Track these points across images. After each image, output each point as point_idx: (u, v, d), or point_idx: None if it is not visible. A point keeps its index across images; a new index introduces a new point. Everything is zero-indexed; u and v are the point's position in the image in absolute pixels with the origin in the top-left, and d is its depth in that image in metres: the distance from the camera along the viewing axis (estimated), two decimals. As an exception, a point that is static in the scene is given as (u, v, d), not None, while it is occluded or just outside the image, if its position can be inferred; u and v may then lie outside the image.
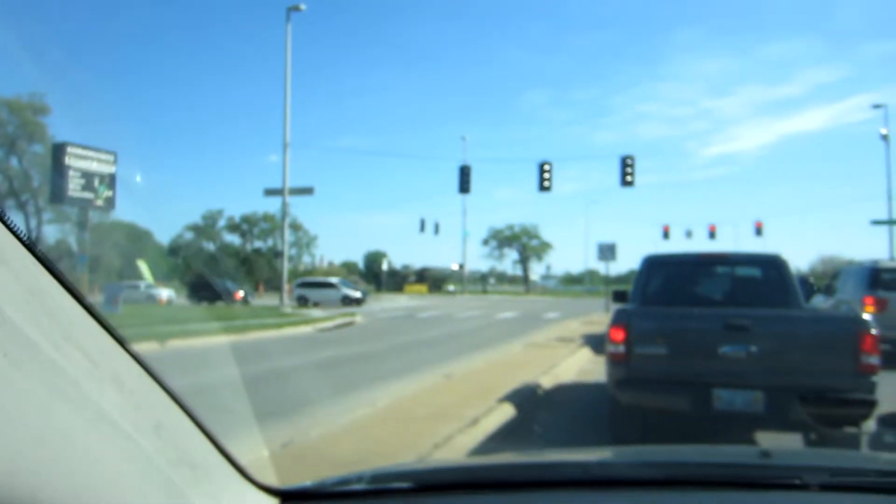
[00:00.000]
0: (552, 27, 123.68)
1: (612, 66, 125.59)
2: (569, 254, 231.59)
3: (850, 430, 5.24)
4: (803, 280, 27.78)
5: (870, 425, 5.13)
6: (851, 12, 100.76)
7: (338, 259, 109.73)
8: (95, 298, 27.43)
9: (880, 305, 12.48)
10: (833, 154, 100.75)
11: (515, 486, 1.49)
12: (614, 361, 5.47)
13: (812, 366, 5.15)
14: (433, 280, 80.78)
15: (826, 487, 1.41)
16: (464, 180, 30.87)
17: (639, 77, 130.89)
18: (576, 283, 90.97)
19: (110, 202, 22.76)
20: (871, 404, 4.91)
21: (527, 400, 7.51)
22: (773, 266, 6.73)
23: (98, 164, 21.69)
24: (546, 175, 29.72)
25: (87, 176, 21.23)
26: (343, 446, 5.04)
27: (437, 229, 54.61)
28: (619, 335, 5.38)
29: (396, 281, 79.24)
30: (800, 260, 71.51)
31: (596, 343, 15.03)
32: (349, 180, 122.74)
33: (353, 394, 8.38)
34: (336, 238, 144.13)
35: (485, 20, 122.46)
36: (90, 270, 36.78)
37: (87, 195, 21.33)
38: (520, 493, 1.46)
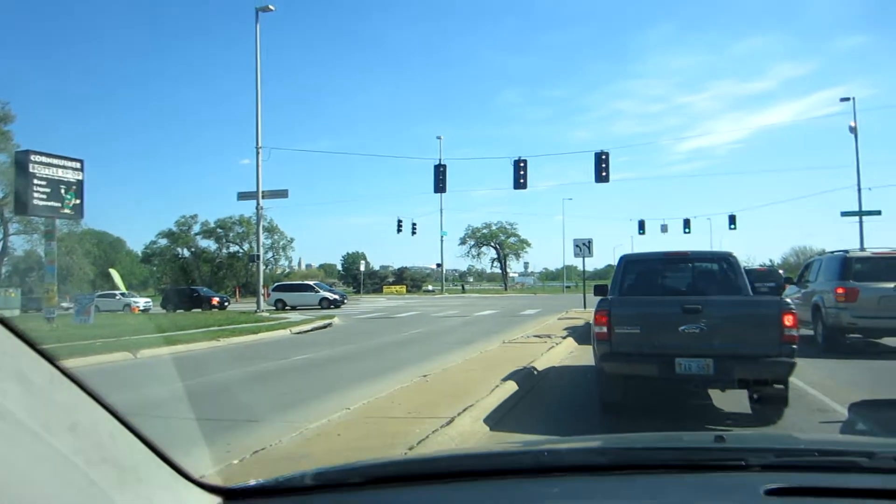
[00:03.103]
0: (525, 26, 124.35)
1: (585, 64, 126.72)
2: (547, 251, 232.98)
3: (778, 386, 6.51)
4: (774, 272, 28.27)
5: (844, 414, 5.54)
6: (820, 8, 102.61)
7: (316, 261, 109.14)
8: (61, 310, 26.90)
9: (851, 295, 12.65)
10: (803, 147, 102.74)
11: (462, 477, 1.49)
12: (599, 340, 6.81)
13: (748, 338, 6.48)
14: (412, 280, 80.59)
15: (769, 468, 1.47)
16: (439, 179, 30.80)
17: (612, 74, 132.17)
18: (554, 279, 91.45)
19: (78, 210, 22.20)
20: (792, 365, 6.32)
21: (505, 398, 7.49)
22: (724, 262, 8.23)
23: (64, 172, 21.15)
24: (521, 172, 29.77)
25: (53, 184, 20.69)
26: (314, 451, 4.95)
27: (414, 229, 54.46)
28: (603, 319, 6.75)
29: (375, 282, 78.88)
30: (772, 251, 72.78)
31: (578, 336, 15.11)
32: (326, 182, 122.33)
33: (328, 397, 8.27)
34: (314, 240, 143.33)
35: (458, 20, 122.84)
36: (61, 281, 36.09)
37: (54, 203, 20.78)
38: (465, 482, 1.47)
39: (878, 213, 36.81)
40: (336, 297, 38.80)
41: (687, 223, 52.99)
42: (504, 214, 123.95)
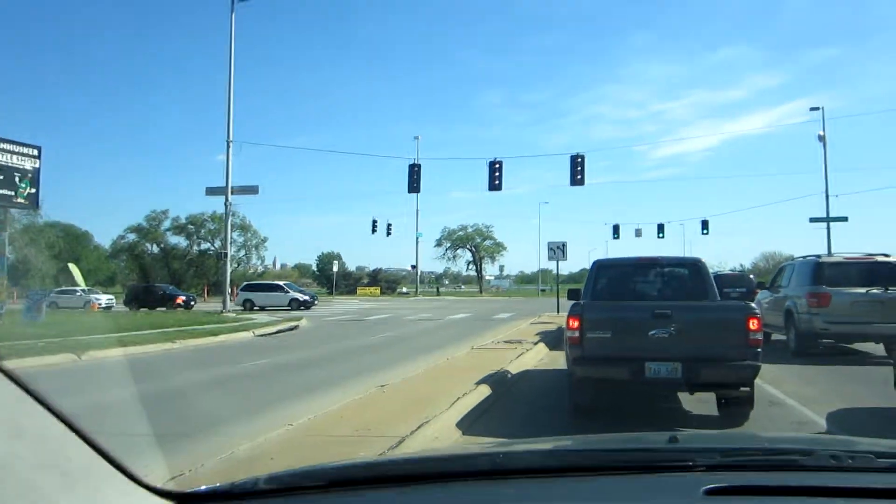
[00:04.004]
0: (507, 28, 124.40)
1: (565, 68, 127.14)
2: (523, 254, 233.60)
3: (744, 389, 6.59)
4: (745, 277, 28.16)
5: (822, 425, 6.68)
6: (791, 21, 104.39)
7: (292, 261, 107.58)
8: (16, 305, 25.73)
9: (824, 300, 12.51)
10: (774, 155, 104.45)
11: (421, 480, 1.49)
12: (571, 344, 6.81)
13: (715, 342, 6.59)
14: (386, 282, 79.78)
15: (714, 468, 1.48)
16: (413, 179, 30.19)
17: (592, 80, 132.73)
18: (530, 282, 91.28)
19: (34, 200, 21.17)
20: (757, 368, 6.47)
21: (466, 412, 6.92)
22: (693, 267, 8.46)
23: (20, 159, 20.12)
24: (497, 174, 29.33)
25: (7, 171, 19.70)
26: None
27: (389, 230, 53.80)
28: (575, 324, 6.74)
29: (349, 283, 77.87)
30: (743, 256, 73.53)
31: (550, 341, 14.63)
32: (303, 180, 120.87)
33: (274, 409, 7.63)
34: (290, 239, 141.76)
35: (440, 19, 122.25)
36: (20, 275, 34.70)
37: (6, 192, 19.78)
38: (424, 485, 1.47)
39: (845, 219, 37.19)
40: (306, 298, 37.89)
41: (661, 228, 53.20)
42: (481, 217, 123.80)
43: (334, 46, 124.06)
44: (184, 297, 39.73)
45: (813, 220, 37.10)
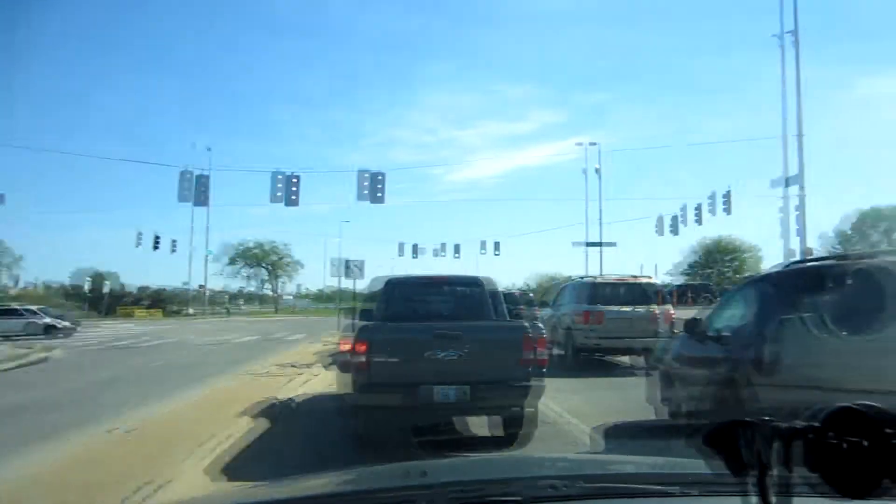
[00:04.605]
0: (309, 45, 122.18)
1: (367, 90, 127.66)
2: (322, 272, 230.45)
3: (529, 409, 6.53)
4: (523, 295, 30.00)
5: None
6: (571, 67, 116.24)
7: (59, 281, 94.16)
8: None
9: (596, 317, 13.49)
10: (553, 185, 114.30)
11: None
12: (357, 369, 6.40)
13: (498, 363, 6.51)
14: (171, 303, 73.09)
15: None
16: (200, 192, 27.73)
17: (392, 103, 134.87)
18: (329, 300, 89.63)
19: None
20: (540, 388, 6.50)
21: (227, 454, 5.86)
22: (476, 286, 8.40)
23: None
24: (294, 188, 28.03)
25: None
26: None
27: (174, 247, 49.47)
28: (361, 347, 6.34)
29: (127, 304, 70.03)
30: (525, 275, 79.33)
31: (340, 363, 13.73)
32: (73, 192, 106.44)
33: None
34: (55, 257, 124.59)
35: (232, 26, 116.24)
36: None
37: None
38: None
39: (614, 244, 43.28)
40: (66, 323, 32.93)
41: (457, 248, 55.18)
42: (280, 235, 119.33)
43: (115, 47, 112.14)
44: None
45: (574, 244, 43.07)
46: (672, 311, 14.01)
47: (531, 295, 29.30)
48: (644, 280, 14.62)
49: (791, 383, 5.42)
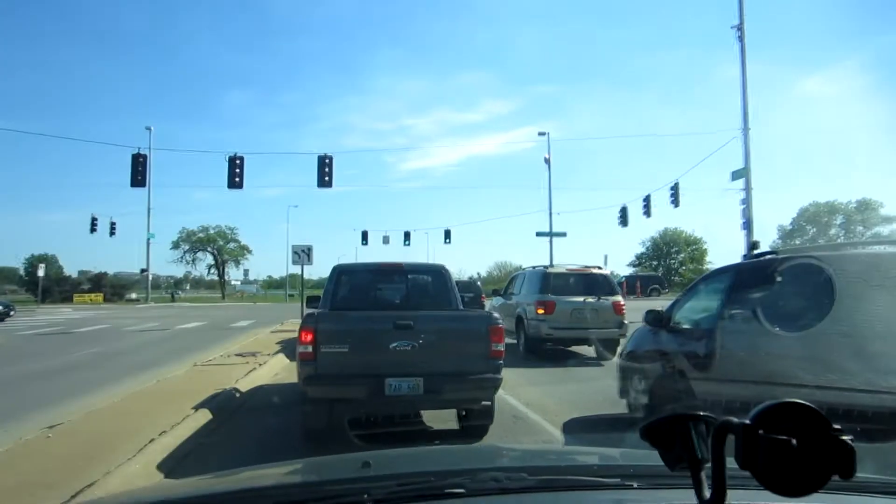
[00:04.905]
0: (257, 28, 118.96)
1: (318, 75, 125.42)
2: (272, 258, 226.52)
3: (485, 403, 6.33)
4: (473, 284, 30.15)
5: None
6: (522, 58, 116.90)
7: (13, 266, 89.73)
8: None
9: (549, 307, 13.49)
10: (506, 174, 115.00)
11: None
12: (303, 360, 6.10)
13: (457, 354, 6.25)
14: (112, 288, 70.40)
15: (383, 501, 1.44)
16: (138, 171, 26.61)
17: (344, 88, 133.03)
18: (279, 287, 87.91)
19: None
20: (498, 381, 6.25)
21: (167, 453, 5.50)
22: (437, 274, 8.17)
23: None
24: (237, 170, 27.18)
25: None
26: None
27: (112, 229, 47.24)
28: (308, 337, 6.03)
29: (66, 289, 67.07)
30: (480, 265, 79.49)
31: (290, 352, 13.34)
32: (13, 172, 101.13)
33: None
34: (12, 242, 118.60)
35: (186, 11, 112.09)
36: None
37: None
38: None
39: (564, 234, 43.14)
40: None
41: (407, 236, 54.78)
42: (228, 219, 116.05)
43: (59, 21, 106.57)
44: None
45: (539, 234, 42.01)
46: (622, 302, 14.04)
47: (479, 283, 29.28)
48: (595, 270, 14.64)
49: (743, 378, 5.44)
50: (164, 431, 6.00)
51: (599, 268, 15.00)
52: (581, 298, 13.62)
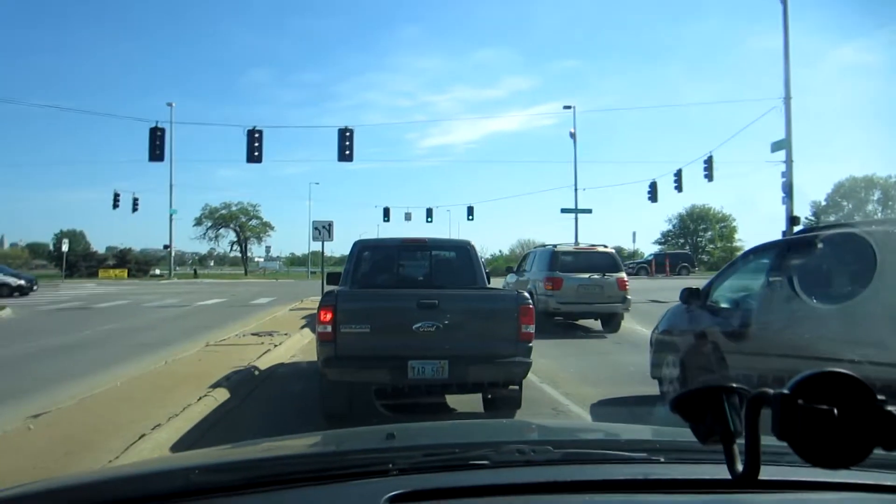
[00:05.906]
0: (277, 8, 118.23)
1: (337, 53, 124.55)
2: (295, 235, 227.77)
3: (513, 388, 5.99)
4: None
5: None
6: (542, 34, 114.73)
7: (27, 239, 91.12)
8: None
9: (557, 284, 14.44)
10: (528, 150, 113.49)
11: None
12: (322, 341, 5.79)
13: (485, 335, 5.90)
14: (136, 263, 70.94)
15: (409, 471, 1.39)
16: (156, 145, 26.10)
17: (364, 66, 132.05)
18: (301, 264, 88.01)
19: None
20: (528, 365, 5.85)
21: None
22: (462, 250, 7.81)
23: None
24: (256, 144, 26.55)
25: None
26: None
27: (135, 205, 47.27)
28: (327, 316, 5.70)
29: (92, 265, 67.76)
30: (503, 242, 78.70)
31: (312, 328, 12.81)
32: (43, 151, 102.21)
33: None
34: (24, 216, 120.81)
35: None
36: None
37: None
38: None
39: (590, 211, 42.25)
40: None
41: (430, 213, 54.04)
42: (250, 196, 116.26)
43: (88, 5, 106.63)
44: None
45: (564, 210, 41.23)
46: (626, 279, 14.80)
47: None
48: (601, 249, 15.54)
49: (787, 353, 5.05)
50: (160, 424, 5.32)
51: (605, 246, 15.86)
52: (587, 275, 14.44)
